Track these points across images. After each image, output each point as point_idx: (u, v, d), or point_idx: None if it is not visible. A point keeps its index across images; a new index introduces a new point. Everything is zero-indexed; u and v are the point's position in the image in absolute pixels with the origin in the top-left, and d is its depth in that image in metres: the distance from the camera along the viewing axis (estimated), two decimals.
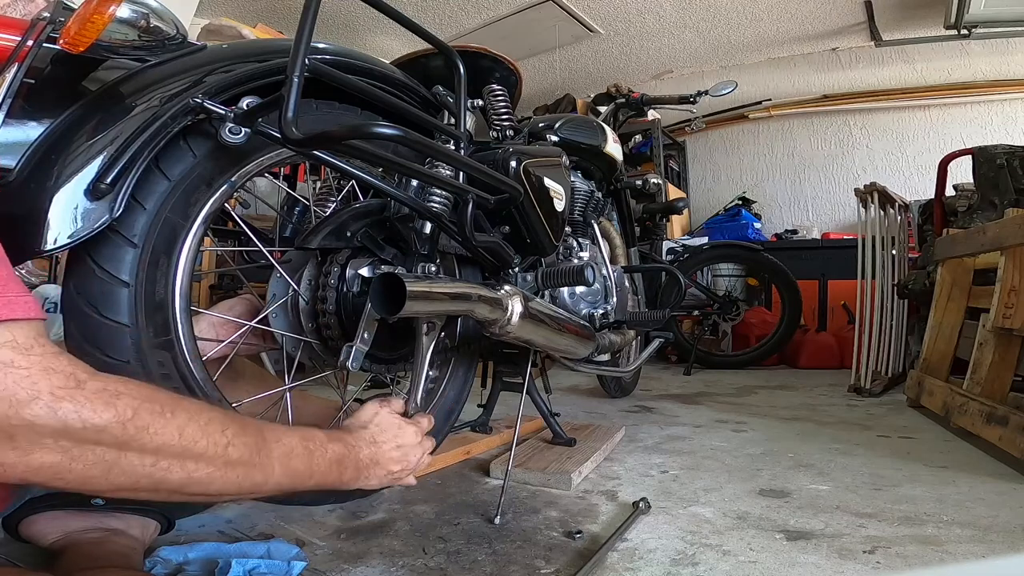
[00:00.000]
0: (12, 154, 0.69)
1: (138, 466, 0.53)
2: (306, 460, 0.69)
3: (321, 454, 0.72)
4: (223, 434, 0.59)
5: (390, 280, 0.78)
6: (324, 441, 0.73)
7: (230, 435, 0.60)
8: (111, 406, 0.51)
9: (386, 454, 0.83)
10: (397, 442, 0.85)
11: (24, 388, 0.47)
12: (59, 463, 0.49)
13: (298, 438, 0.69)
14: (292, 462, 0.67)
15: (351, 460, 0.77)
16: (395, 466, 0.85)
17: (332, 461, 0.73)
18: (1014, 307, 1.61)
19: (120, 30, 0.74)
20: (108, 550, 0.82)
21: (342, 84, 0.81)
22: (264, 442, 0.64)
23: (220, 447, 0.58)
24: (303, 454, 0.69)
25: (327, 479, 0.73)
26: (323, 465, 0.72)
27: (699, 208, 4.79)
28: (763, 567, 0.90)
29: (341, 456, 0.75)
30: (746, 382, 2.82)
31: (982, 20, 3.00)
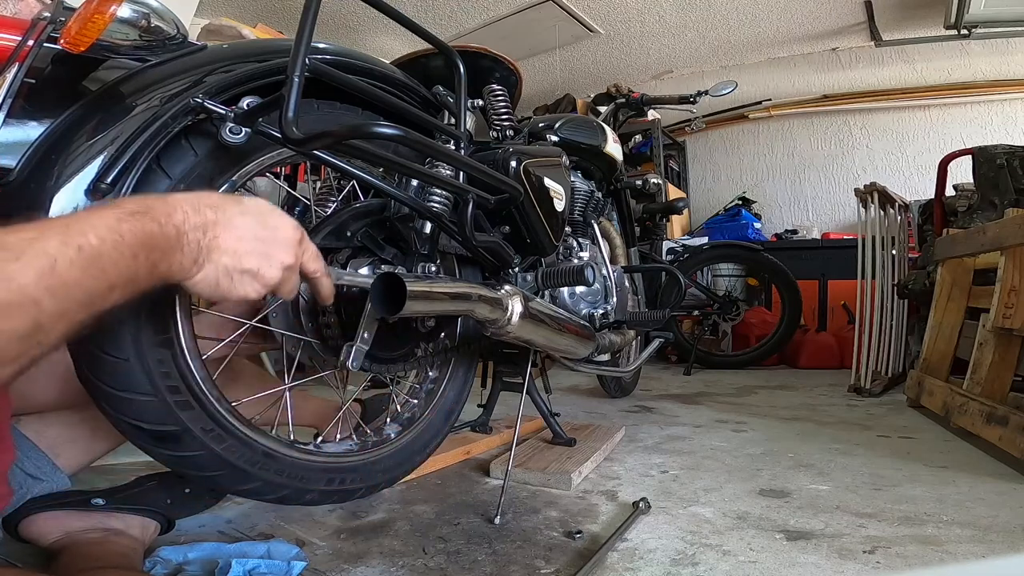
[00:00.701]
0: (12, 154, 0.70)
1: None
2: (89, 266, 0.44)
3: (113, 245, 0.46)
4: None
5: (390, 280, 0.78)
6: (113, 223, 0.47)
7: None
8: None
9: (235, 230, 0.56)
10: (260, 219, 0.59)
11: None
12: None
13: (59, 240, 0.43)
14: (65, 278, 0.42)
15: (168, 238, 0.51)
16: (248, 259, 0.57)
17: (135, 248, 0.47)
18: (1014, 307, 1.61)
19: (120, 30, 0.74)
20: (108, 550, 0.82)
21: (342, 84, 0.81)
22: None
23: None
24: (78, 259, 0.43)
25: (138, 278, 0.48)
26: (123, 261, 0.46)
27: (699, 208, 4.79)
28: (763, 567, 0.90)
29: (148, 236, 0.49)
30: (746, 382, 2.82)
31: (982, 20, 3.00)
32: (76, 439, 0.95)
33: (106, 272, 0.45)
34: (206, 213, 0.54)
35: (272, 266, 0.60)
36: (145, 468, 1.09)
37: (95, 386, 0.71)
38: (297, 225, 0.64)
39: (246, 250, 0.57)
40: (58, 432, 0.93)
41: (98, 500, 0.88)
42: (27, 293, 0.40)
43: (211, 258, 0.55)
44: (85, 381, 0.72)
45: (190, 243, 0.53)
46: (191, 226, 0.53)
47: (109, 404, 0.72)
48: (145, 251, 0.48)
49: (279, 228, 0.61)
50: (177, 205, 0.52)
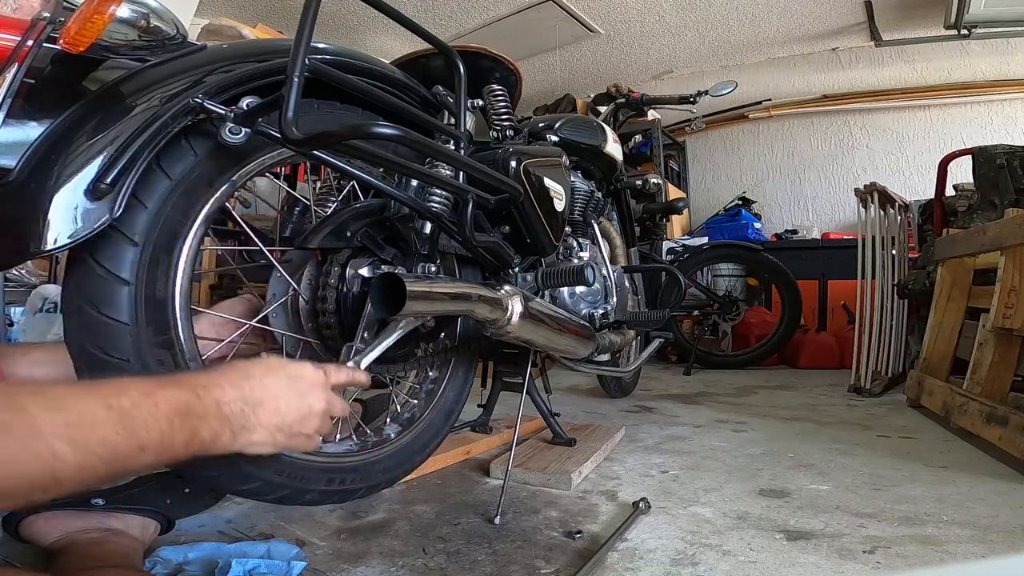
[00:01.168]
0: (12, 154, 0.69)
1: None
2: (118, 425, 0.47)
3: (147, 411, 0.49)
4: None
5: (390, 280, 0.78)
6: (149, 390, 0.51)
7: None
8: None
9: (270, 394, 0.61)
10: (285, 381, 0.63)
11: None
12: None
13: (95, 398, 0.47)
14: (90, 433, 0.45)
15: (207, 410, 0.55)
16: (289, 415, 0.63)
17: (170, 415, 0.51)
18: (1014, 307, 1.61)
19: (120, 30, 0.74)
20: (108, 550, 0.82)
21: (342, 84, 0.81)
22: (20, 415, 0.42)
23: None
24: (108, 418, 0.46)
25: (174, 444, 0.51)
26: (156, 425, 0.50)
27: (699, 208, 4.79)
28: (763, 567, 0.90)
29: (184, 406, 0.53)
30: (746, 382, 2.82)
31: (982, 20, 3.01)
32: None
33: (136, 433, 0.48)
34: (242, 385, 0.60)
35: (313, 414, 0.67)
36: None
37: None
38: (315, 366, 0.70)
39: (286, 408, 0.63)
40: None
41: (98, 500, 0.88)
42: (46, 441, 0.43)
43: (261, 423, 0.61)
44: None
45: (233, 413, 0.58)
46: (231, 398, 0.58)
47: None
48: (180, 417, 0.52)
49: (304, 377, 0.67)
50: (215, 379, 0.58)
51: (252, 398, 0.60)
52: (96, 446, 0.46)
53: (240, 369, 0.61)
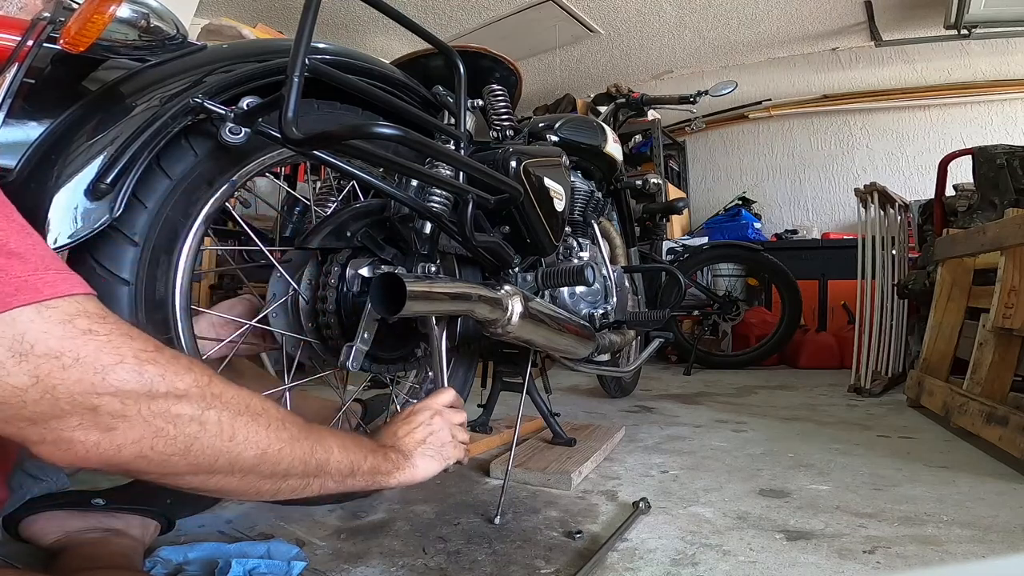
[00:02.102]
0: (12, 154, 0.69)
1: (216, 440, 0.53)
2: (353, 443, 0.71)
3: (360, 440, 0.74)
4: (277, 410, 0.59)
5: (390, 280, 0.78)
6: (356, 435, 0.76)
7: (281, 414, 0.60)
8: (190, 371, 0.51)
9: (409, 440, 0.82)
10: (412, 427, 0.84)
11: (108, 353, 0.46)
12: (142, 439, 0.48)
13: (334, 432, 0.70)
14: (345, 442, 0.69)
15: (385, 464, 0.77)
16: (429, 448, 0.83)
17: (373, 446, 0.76)
18: (1014, 307, 1.61)
19: (120, 30, 0.74)
20: (108, 550, 0.82)
21: (342, 84, 0.81)
22: (310, 425, 0.65)
23: (278, 421, 0.59)
24: (347, 438, 0.70)
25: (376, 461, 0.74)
26: (368, 446, 0.74)
27: (699, 208, 4.79)
28: (763, 567, 0.90)
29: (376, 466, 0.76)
30: (746, 382, 2.82)
31: (982, 20, 3.00)
32: None
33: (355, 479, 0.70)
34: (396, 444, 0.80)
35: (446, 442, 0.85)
36: None
37: None
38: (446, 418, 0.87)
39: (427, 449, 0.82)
40: None
41: (98, 500, 0.88)
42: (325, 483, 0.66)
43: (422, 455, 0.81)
44: None
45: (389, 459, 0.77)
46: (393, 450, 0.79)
47: None
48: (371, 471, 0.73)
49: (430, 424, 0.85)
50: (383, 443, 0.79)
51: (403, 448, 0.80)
52: (349, 453, 0.68)
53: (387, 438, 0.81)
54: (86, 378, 0.45)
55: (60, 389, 0.44)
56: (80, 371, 0.45)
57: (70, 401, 0.45)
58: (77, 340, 0.45)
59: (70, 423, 0.46)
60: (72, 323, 0.46)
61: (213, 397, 0.53)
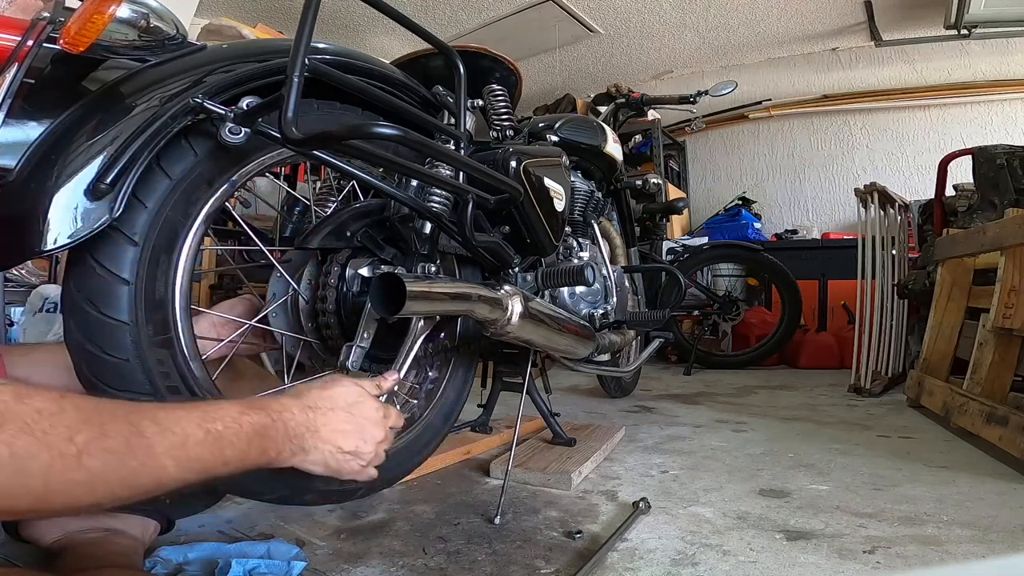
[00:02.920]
0: (12, 154, 0.69)
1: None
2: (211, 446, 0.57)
3: (233, 432, 0.59)
4: (70, 443, 0.46)
5: (390, 280, 0.78)
6: (236, 415, 0.60)
7: (81, 442, 0.47)
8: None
9: (331, 424, 0.70)
10: (349, 411, 0.72)
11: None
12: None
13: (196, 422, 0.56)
14: (190, 451, 0.55)
15: (277, 431, 0.64)
16: (346, 442, 0.71)
17: (251, 436, 0.61)
18: (1014, 307, 1.61)
19: (120, 30, 0.74)
20: (108, 550, 0.82)
21: (342, 84, 0.81)
22: (140, 439, 0.51)
23: (70, 458, 0.46)
24: (204, 440, 0.56)
25: (247, 459, 0.60)
26: (238, 444, 0.59)
27: (699, 208, 4.79)
28: (763, 567, 0.90)
29: (262, 428, 0.62)
30: (746, 382, 2.82)
31: (982, 20, 3.00)
32: None
33: (223, 452, 0.58)
34: (307, 413, 0.68)
35: (367, 443, 0.74)
36: None
37: (95, 386, 0.71)
38: (379, 405, 0.76)
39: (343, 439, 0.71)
40: None
41: None
42: (160, 460, 0.52)
43: (316, 446, 0.69)
44: (85, 382, 0.72)
45: (296, 435, 0.66)
46: (297, 423, 0.67)
47: None
48: (258, 439, 0.61)
49: (366, 414, 0.74)
50: (285, 407, 0.67)
51: (314, 426, 0.69)
52: (194, 463, 0.56)
53: (307, 397, 0.70)
54: None
55: None
56: None
57: None
58: None
59: None
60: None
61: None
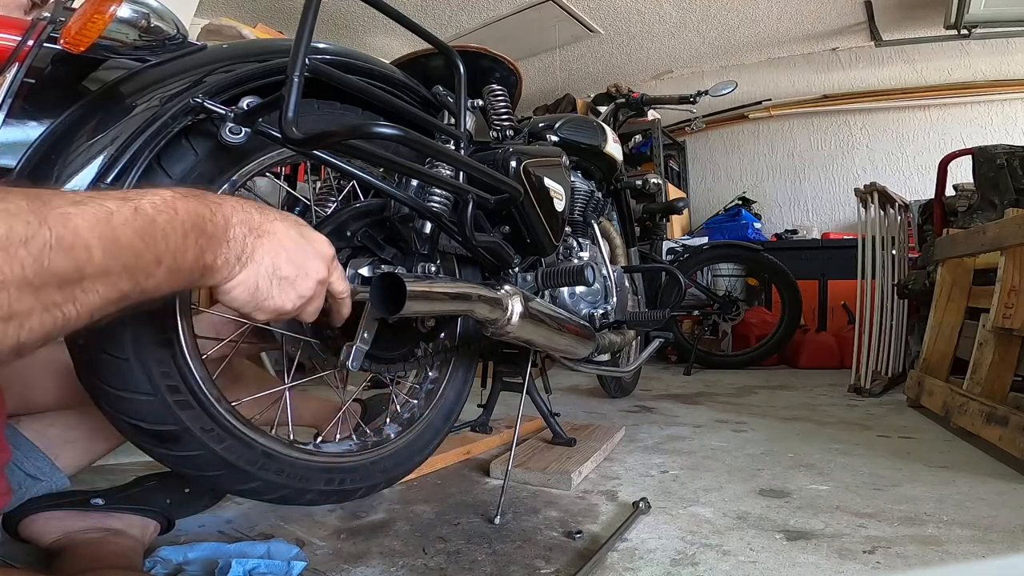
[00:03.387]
0: (12, 154, 0.69)
1: None
2: (141, 230, 0.44)
3: (167, 219, 0.46)
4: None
5: (390, 280, 0.78)
6: (168, 197, 0.48)
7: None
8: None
9: (277, 234, 0.57)
10: (299, 229, 0.60)
11: None
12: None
13: (118, 199, 0.44)
14: (118, 233, 0.42)
15: (217, 227, 0.51)
16: (286, 264, 0.58)
17: (187, 227, 0.48)
18: (1014, 307, 1.61)
19: (120, 30, 0.74)
20: (108, 550, 0.82)
21: (342, 84, 0.81)
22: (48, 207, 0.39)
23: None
24: (133, 219, 0.44)
25: (183, 260, 0.48)
26: (173, 236, 0.46)
27: (699, 208, 4.79)
28: (763, 567, 0.90)
29: (200, 219, 0.49)
30: (746, 382, 2.82)
31: (982, 20, 3.00)
32: (76, 440, 0.95)
33: (156, 242, 0.45)
34: (252, 212, 0.55)
35: (308, 277, 0.61)
36: (145, 468, 1.09)
37: (95, 386, 0.71)
38: (330, 242, 0.65)
39: (286, 256, 0.58)
40: (58, 433, 0.93)
41: (98, 500, 0.88)
42: (80, 235, 0.39)
43: (254, 258, 0.55)
44: (85, 381, 0.72)
45: (236, 237, 0.53)
46: (238, 220, 0.54)
47: (109, 404, 0.72)
48: (195, 233, 0.49)
49: (315, 240, 0.62)
50: (226, 199, 0.54)
51: (258, 229, 0.56)
52: (123, 251, 0.43)
53: (255, 202, 0.58)
54: None
55: None
56: None
57: None
58: None
59: None
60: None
61: None
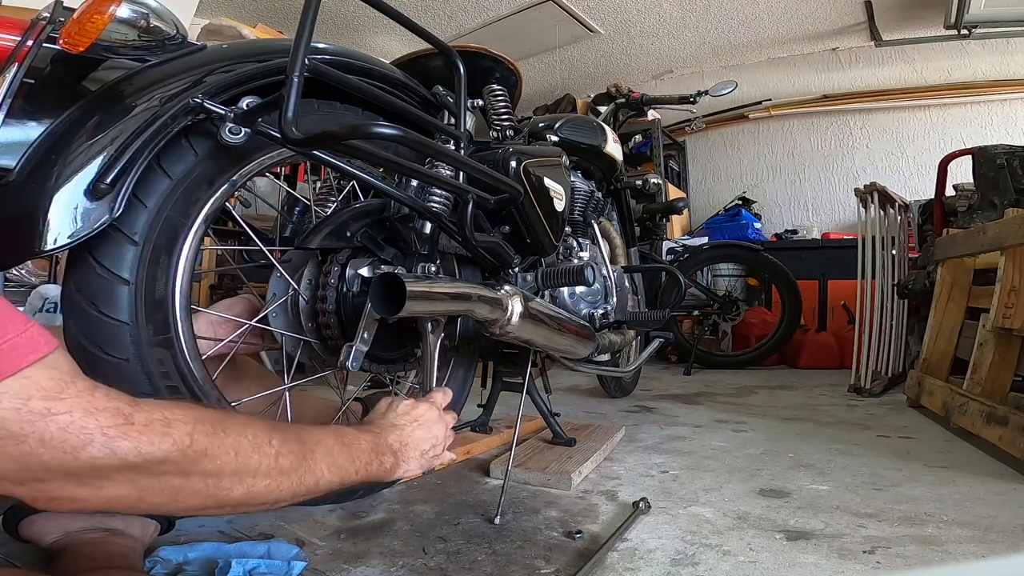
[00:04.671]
0: (12, 154, 0.69)
1: (202, 489, 0.55)
2: (347, 455, 0.71)
3: (357, 446, 0.73)
4: (271, 445, 0.60)
5: (390, 280, 0.78)
6: (356, 434, 0.76)
7: (277, 445, 0.61)
8: (167, 436, 0.51)
9: (411, 435, 0.84)
10: (418, 422, 0.86)
11: (73, 435, 0.45)
12: (129, 494, 0.50)
13: (332, 435, 0.71)
14: (336, 459, 0.69)
15: (384, 447, 0.79)
16: (425, 444, 0.86)
17: (369, 451, 0.75)
18: (1014, 307, 1.61)
19: (120, 30, 0.74)
20: (108, 550, 0.82)
21: (342, 84, 0.81)
22: (305, 445, 0.65)
23: (271, 458, 0.59)
24: (342, 450, 0.70)
25: (370, 470, 0.75)
26: (363, 456, 0.74)
27: (699, 208, 4.79)
28: (763, 567, 0.90)
29: (375, 444, 0.77)
30: (746, 382, 2.82)
31: (982, 20, 3.00)
32: None
33: (354, 461, 0.72)
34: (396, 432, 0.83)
35: (439, 439, 0.89)
36: None
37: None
38: (429, 405, 0.89)
39: (424, 443, 0.86)
40: None
41: None
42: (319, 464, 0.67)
43: (409, 456, 0.83)
44: None
45: (394, 452, 0.81)
46: (392, 440, 0.82)
47: None
48: (374, 453, 0.77)
49: (429, 418, 0.88)
50: (383, 428, 0.82)
51: (403, 441, 0.83)
52: (338, 469, 0.69)
53: (390, 421, 0.84)
54: (57, 456, 0.45)
55: (33, 463, 0.44)
56: (49, 452, 0.44)
57: (46, 471, 0.45)
58: (37, 424, 0.44)
59: (54, 485, 0.47)
60: (26, 406, 0.43)
61: (196, 455, 0.53)
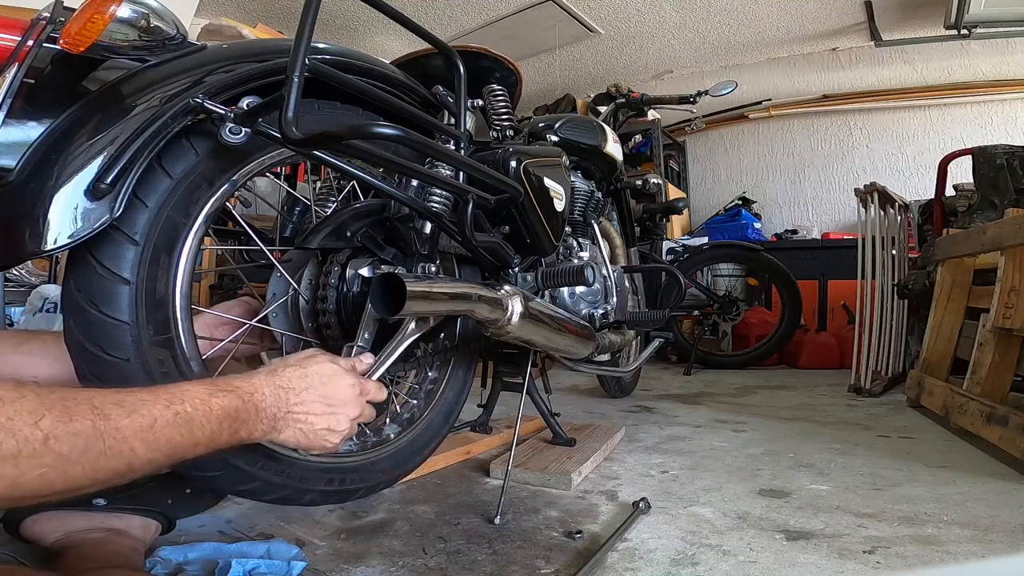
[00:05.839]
0: (12, 154, 0.69)
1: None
2: (181, 427, 0.58)
3: (203, 414, 0.60)
4: (35, 428, 0.47)
5: (390, 280, 0.78)
6: (205, 396, 0.61)
7: (46, 427, 0.48)
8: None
9: (304, 403, 0.71)
10: (323, 390, 0.72)
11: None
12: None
13: (163, 404, 0.57)
14: (159, 434, 0.56)
15: (249, 412, 0.65)
16: (319, 421, 0.72)
17: (221, 418, 0.62)
18: (1014, 307, 1.61)
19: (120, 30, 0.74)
20: (109, 550, 0.82)
21: (342, 84, 0.81)
22: (107, 422, 0.52)
23: (36, 442, 0.47)
24: (174, 421, 0.57)
25: (219, 439, 0.62)
26: (208, 426, 0.60)
27: (699, 208, 4.79)
28: (763, 567, 0.90)
29: (233, 410, 0.63)
30: (746, 382, 2.82)
31: (982, 20, 3.00)
32: None
33: (193, 433, 0.59)
34: (279, 393, 0.69)
35: (341, 422, 0.74)
36: None
37: (96, 386, 0.71)
38: (354, 381, 0.76)
39: (316, 417, 0.72)
40: None
41: (99, 500, 0.88)
42: (128, 443, 0.53)
43: (288, 425, 0.70)
44: (85, 381, 0.72)
45: (268, 417, 0.67)
46: (268, 403, 0.67)
47: None
48: (228, 420, 0.63)
49: (340, 392, 0.74)
50: (256, 388, 0.67)
51: (286, 406, 0.69)
52: (163, 445, 0.56)
53: (280, 376, 0.70)
54: None
55: None
56: None
57: None
58: None
59: None
60: None
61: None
